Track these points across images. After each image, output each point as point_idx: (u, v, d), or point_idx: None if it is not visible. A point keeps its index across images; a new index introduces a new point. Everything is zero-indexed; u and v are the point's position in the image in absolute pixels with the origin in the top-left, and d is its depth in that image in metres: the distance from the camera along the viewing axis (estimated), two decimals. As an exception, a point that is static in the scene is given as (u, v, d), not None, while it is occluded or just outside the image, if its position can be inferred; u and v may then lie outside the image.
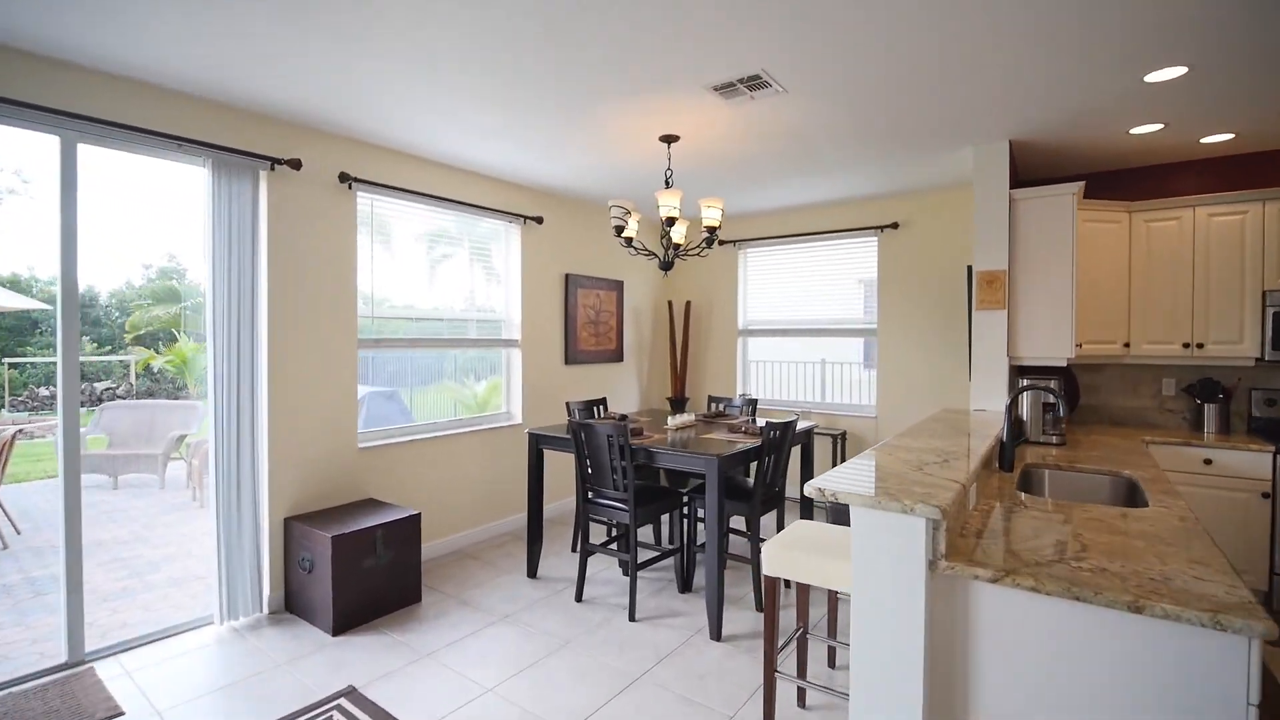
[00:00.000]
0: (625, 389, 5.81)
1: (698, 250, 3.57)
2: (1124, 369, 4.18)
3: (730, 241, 5.88)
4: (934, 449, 2.36)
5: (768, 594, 2.25)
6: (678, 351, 6.02)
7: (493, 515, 4.55)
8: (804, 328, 5.57)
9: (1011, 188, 3.62)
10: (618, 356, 5.65)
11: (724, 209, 3.27)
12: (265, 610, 3.29)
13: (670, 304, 6.06)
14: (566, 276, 5.11)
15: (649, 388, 6.13)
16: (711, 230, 3.32)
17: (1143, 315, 3.85)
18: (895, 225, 4.98)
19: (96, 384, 10.30)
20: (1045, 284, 3.56)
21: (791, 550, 2.15)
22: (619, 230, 3.39)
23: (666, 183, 3.49)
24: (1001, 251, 3.62)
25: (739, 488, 3.58)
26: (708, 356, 6.12)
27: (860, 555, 1.69)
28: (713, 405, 4.68)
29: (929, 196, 4.87)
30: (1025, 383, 3.07)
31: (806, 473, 4.10)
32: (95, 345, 10.87)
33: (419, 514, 3.45)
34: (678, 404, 5.90)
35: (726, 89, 2.83)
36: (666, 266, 3.47)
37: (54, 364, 3.85)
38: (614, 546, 4.03)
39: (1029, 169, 4.12)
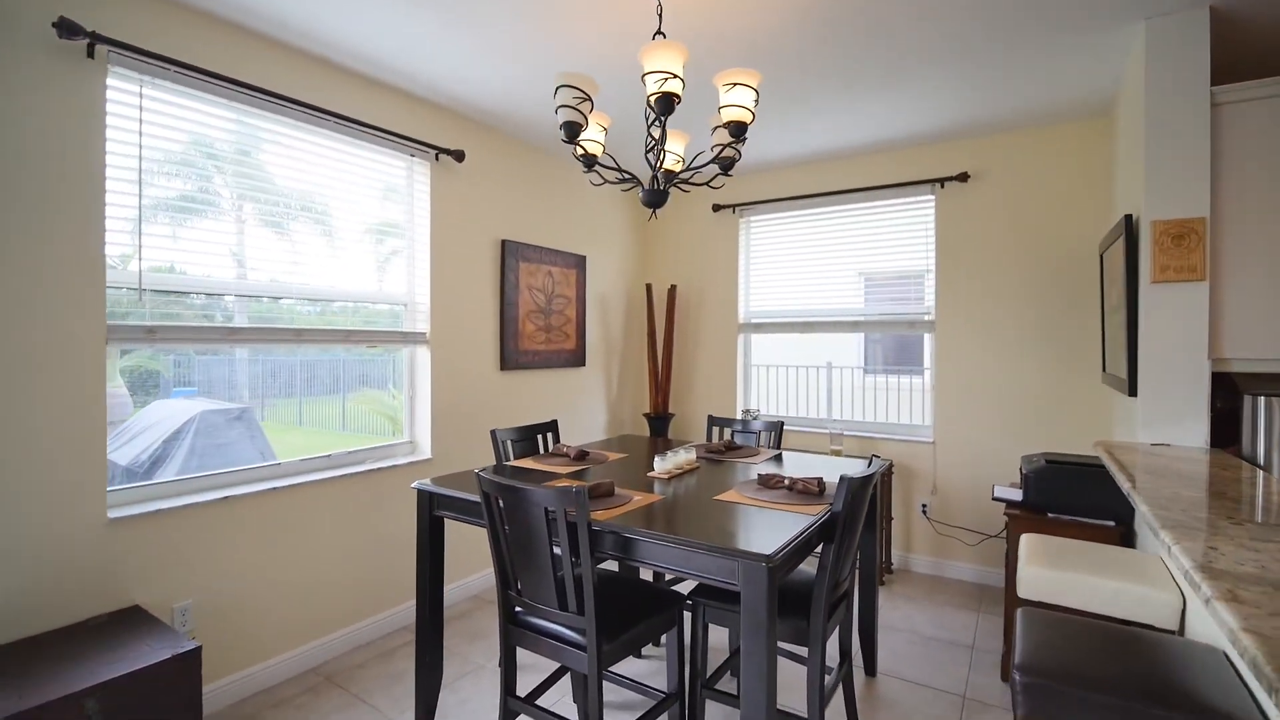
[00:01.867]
0: (587, 405, 4.28)
1: (710, 176, 2.08)
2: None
3: (728, 206, 4.41)
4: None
5: None
6: (659, 352, 4.52)
7: (379, 605, 2.96)
8: (829, 320, 4.13)
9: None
10: (577, 359, 4.12)
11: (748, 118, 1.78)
12: None
13: (649, 288, 4.56)
14: (503, 244, 3.56)
15: (620, 402, 4.61)
16: (738, 131, 1.82)
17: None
18: (964, 177, 3.57)
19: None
20: (1271, 236, 2.17)
21: None
22: (571, 133, 1.86)
23: (657, 39, 1.97)
24: (1199, 188, 2.22)
25: (783, 587, 2.09)
26: (699, 359, 4.63)
27: None
28: (715, 431, 3.20)
29: (1021, 134, 3.46)
30: None
31: (868, 538, 2.63)
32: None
33: (196, 649, 1.85)
34: (659, 424, 4.39)
35: None
36: (655, 200, 1.96)
37: None
38: (562, 686, 2.49)
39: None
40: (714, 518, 1.81)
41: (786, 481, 2.11)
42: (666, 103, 1.72)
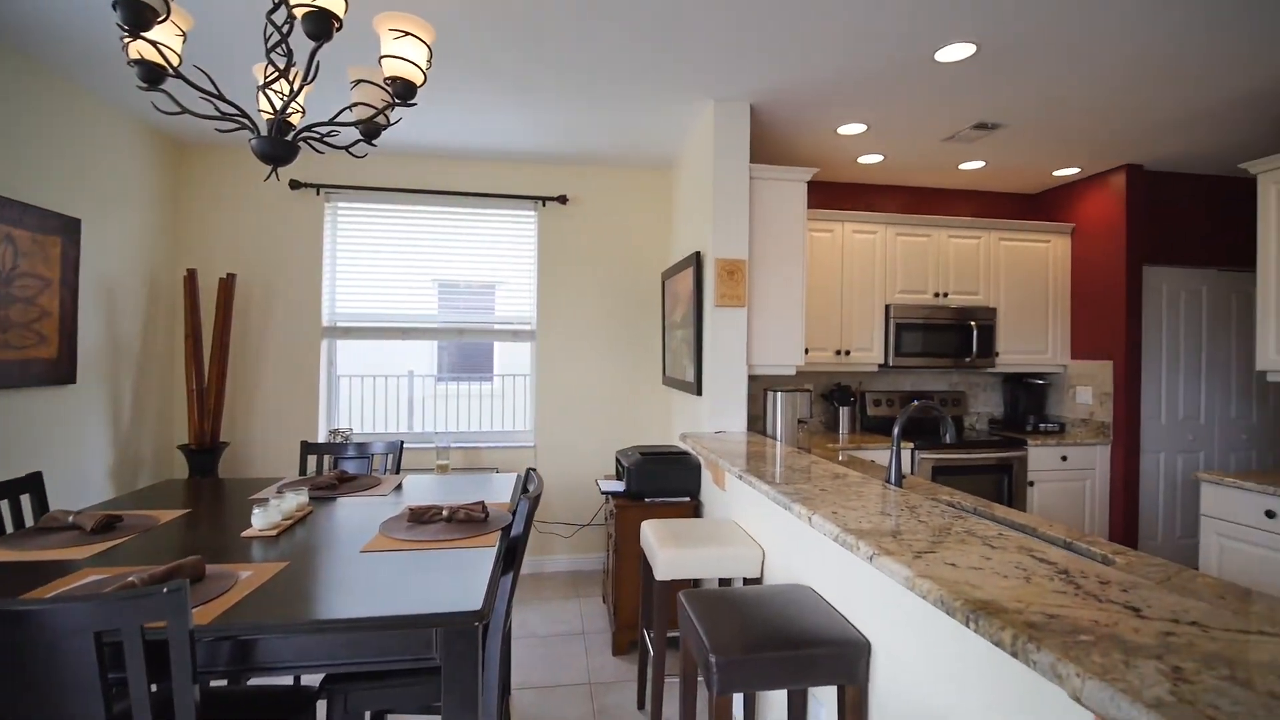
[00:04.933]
0: (80, 444, 2.89)
1: (351, 141, 1.64)
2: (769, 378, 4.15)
3: (311, 186, 3.67)
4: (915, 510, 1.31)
5: None
6: (206, 362, 3.41)
7: None
8: (429, 326, 3.88)
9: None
10: (59, 374, 2.73)
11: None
12: None
13: (192, 276, 3.38)
14: (-104, 179, 2.07)
15: (137, 434, 3.28)
16: (407, 92, 1.48)
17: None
18: (563, 199, 3.87)
19: None
20: (779, 279, 3.05)
21: None
22: (134, 16, 1.17)
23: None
24: (742, 237, 2.95)
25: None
26: (266, 370, 3.69)
27: None
28: (314, 461, 2.58)
29: (611, 169, 3.94)
30: (917, 406, 2.38)
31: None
32: None
33: None
34: (206, 459, 3.31)
35: None
36: (279, 152, 1.40)
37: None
38: None
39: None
40: (376, 577, 1.42)
41: (445, 512, 1.84)
42: (322, 23, 1.24)
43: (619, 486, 3.13)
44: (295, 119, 1.63)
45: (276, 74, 1.40)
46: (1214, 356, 4.02)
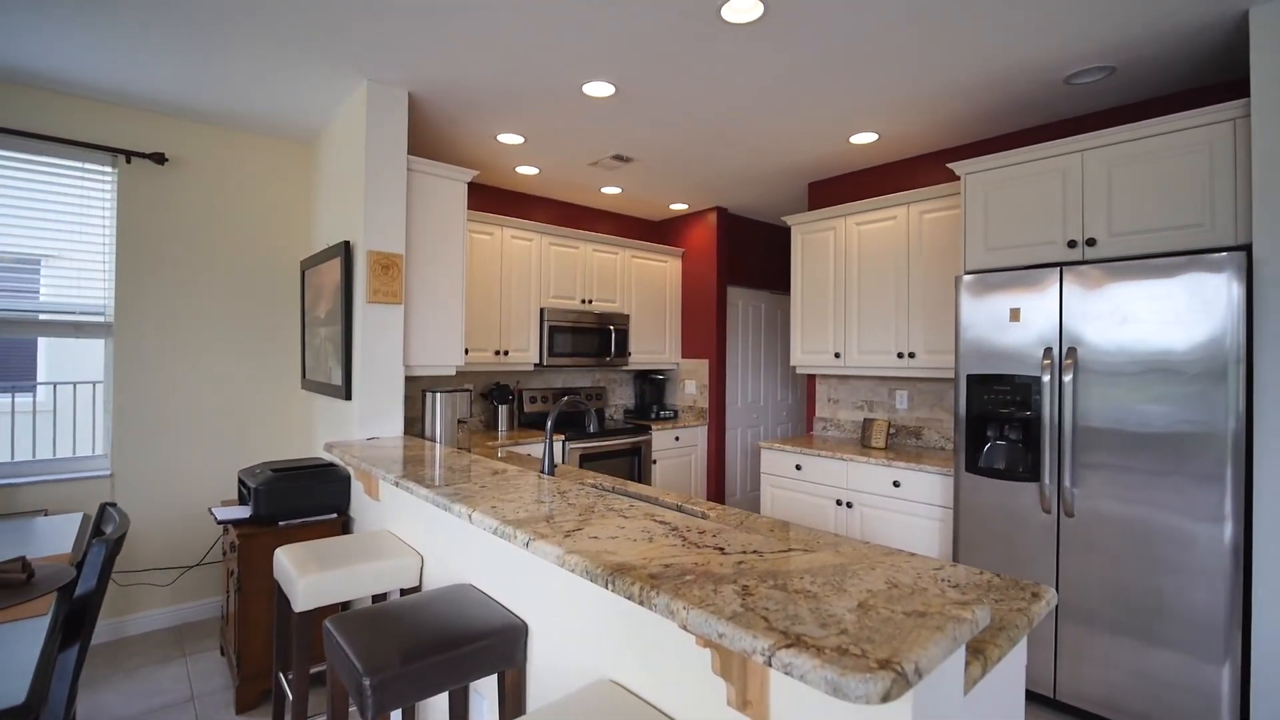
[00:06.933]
0: None
1: None
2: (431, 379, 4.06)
3: None
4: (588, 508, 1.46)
5: None
6: None
7: None
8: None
9: (401, 151, 2.84)
10: None
11: None
12: None
13: None
14: None
15: None
16: None
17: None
18: (159, 158, 3.05)
19: None
20: (439, 277, 2.98)
21: None
22: None
23: None
24: (399, 231, 2.78)
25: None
26: None
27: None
28: None
29: (232, 134, 3.24)
30: (566, 401, 2.48)
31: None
32: None
33: None
34: None
35: None
36: None
37: None
38: None
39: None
40: None
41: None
42: None
43: (243, 513, 2.63)
44: None
45: None
46: (768, 356, 5.44)
